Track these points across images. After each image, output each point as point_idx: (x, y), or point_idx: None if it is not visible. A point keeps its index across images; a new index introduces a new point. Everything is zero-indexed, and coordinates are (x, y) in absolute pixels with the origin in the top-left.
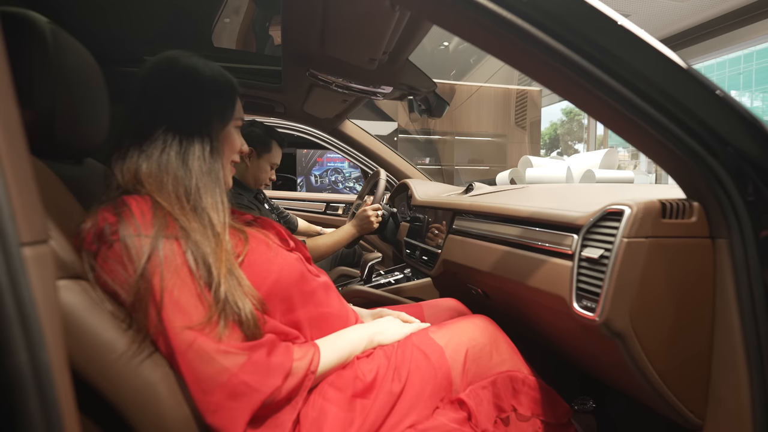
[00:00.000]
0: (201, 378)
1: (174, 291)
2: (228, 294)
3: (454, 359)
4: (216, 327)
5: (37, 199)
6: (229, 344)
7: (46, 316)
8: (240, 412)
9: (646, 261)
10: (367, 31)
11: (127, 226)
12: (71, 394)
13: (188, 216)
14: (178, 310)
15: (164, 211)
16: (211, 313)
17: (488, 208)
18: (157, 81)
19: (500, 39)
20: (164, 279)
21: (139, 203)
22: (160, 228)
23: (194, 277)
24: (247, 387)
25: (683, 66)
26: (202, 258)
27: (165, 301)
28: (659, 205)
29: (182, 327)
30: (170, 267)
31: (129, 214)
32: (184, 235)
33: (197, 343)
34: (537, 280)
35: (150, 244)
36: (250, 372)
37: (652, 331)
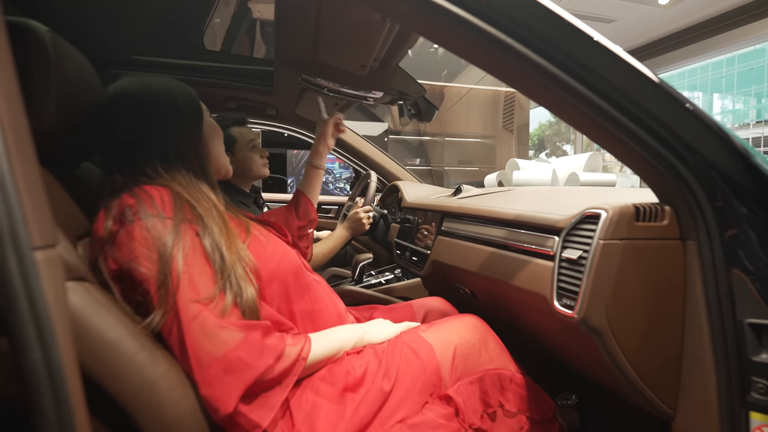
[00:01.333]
0: (200, 350)
1: (191, 270)
2: (235, 277)
3: (443, 356)
4: (221, 304)
5: (46, 205)
6: (229, 321)
7: (57, 316)
8: (234, 386)
9: (621, 261)
10: (359, 40)
11: (148, 208)
12: (81, 391)
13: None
14: (191, 286)
15: (182, 199)
16: (218, 290)
17: (475, 210)
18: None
19: (485, 53)
20: (184, 259)
21: (159, 191)
22: (178, 213)
23: (208, 259)
24: (242, 362)
25: (656, 80)
26: (216, 242)
27: (182, 279)
28: (633, 208)
29: (191, 300)
30: (189, 248)
31: (149, 199)
32: (200, 222)
33: (201, 316)
34: (521, 279)
35: (172, 226)
36: (246, 349)
37: (627, 328)
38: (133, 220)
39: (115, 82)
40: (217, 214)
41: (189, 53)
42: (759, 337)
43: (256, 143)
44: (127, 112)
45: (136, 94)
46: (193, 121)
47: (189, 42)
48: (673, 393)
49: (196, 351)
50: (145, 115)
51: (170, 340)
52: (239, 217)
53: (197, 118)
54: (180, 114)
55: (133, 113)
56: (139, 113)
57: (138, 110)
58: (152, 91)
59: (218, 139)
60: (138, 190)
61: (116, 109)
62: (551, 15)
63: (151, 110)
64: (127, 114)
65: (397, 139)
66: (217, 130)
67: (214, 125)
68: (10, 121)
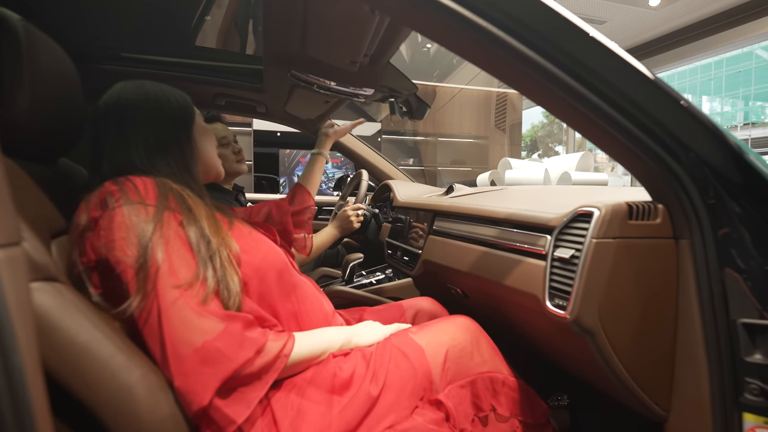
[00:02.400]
0: (178, 338)
1: (171, 256)
2: (219, 261)
3: (434, 359)
4: (202, 291)
5: (8, 201)
6: (210, 309)
7: (19, 319)
8: (210, 378)
9: (613, 261)
10: (348, 34)
11: (131, 195)
12: (45, 398)
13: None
14: (171, 271)
15: (167, 188)
16: (200, 276)
17: (467, 209)
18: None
19: (476, 46)
20: (165, 245)
21: (143, 180)
22: (162, 200)
23: (191, 248)
24: (220, 354)
25: (650, 77)
26: (202, 231)
27: (162, 264)
28: (626, 207)
29: (171, 285)
30: (171, 235)
31: (133, 186)
32: (185, 212)
33: (181, 302)
34: (513, 279)
35: (154, 213)
36: (225, 340)
37: (620, 328)
38: (115, 207)
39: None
40: (203, 205)
41: (177, 49)
42: (752, 337)
43: (228, 140)
44: (122, 113)
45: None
46: (183, 124)
47: (177, 37)
48: (666, 394)
49: (173, 339)
50: (138, 116)
51: (146, 329)
52: (224, 212)
53: (188, 121)
54: (171, 117)
55: (128, 114)
56: (133, 114)
57: (132, 111)
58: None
59: (209, 142)
60: (122, 179)
61: (111, 111)
62: (544, 8)
63: (145, 111)
64: (120, 116)
65: (390, 139)
66: (209, 133)
67: (207, 129)
68: None
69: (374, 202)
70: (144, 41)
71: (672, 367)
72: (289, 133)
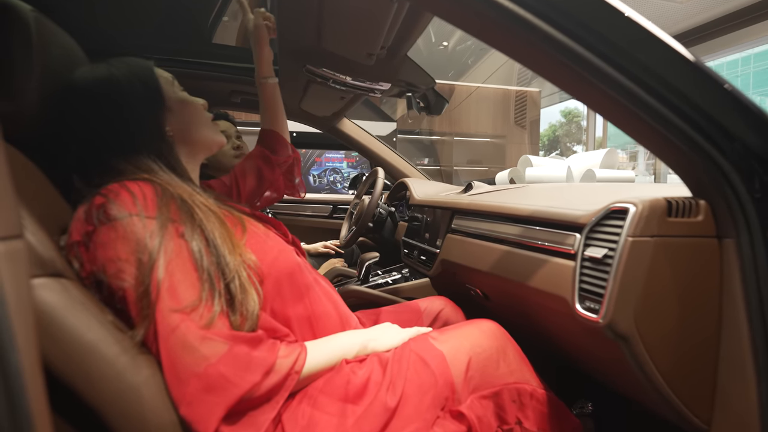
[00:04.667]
0: (179, 364)
1: (172, 276)
2: (238, 283)
3: (455, 366)
4: (207, 313)
5: (10, 191)
6: (214, 331)
7: (18, 316)
8: (215, 407)
9: (651, 261)
10: (365, 25)
11: (126, 206)
12: (44, 400)
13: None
14: (171, 293)
15: (168, 195)
16: (204, 297)
17: (488, 206)
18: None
19: (502, 31)
20: (166, 264)
21: (140, 187)
22: (163, 211)
23: (195, 262)
24: (224, 380)
25: (690, 59)
26: (214, 243)
27: (161, 286)
28: (665, 203)
29: (170, 310)
30: (172, 252)
31: (129, 195)
32: (189, 221)
33: (182, 327)
34: (538, 280)
35: (155, 226)
36: (229, 364)
37: (657, 334)
38: (109, 220)
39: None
40: (212, 212)
41: (195, 46)
42: None
43: (227, 135)
44: (76, 108)
45: (80, 89)
46: (148, 106)
47: (195, 34)
48: (708, 405)
49: (174, 365)
50: (92, 109)
51: (153, 352)
52: (232, 212)
53: (154, 101)
54: (128, 101)
55: (81, 109)
56: (87, 108)
57: (85, 105)
58: (92, 82)
59: (194, 110)
60: (116, 186)
61: (66, 106)
62: None
63: (98, 102)
64: (76, 110)
65: (406, 138)
66: (191, 106)
67: (186, 101)
68: None
69: (390, 201)
70: (161, 38)
71: (714, 376)
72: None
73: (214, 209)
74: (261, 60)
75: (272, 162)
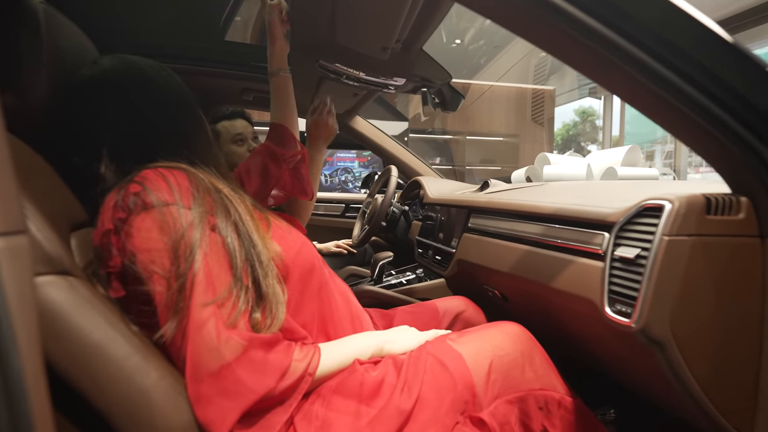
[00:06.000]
0: (198, 361)
1: (209, 268)
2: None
3: (476, 369)
4: (234, 310)
5: (12, 185)
6: (235, 331)
7: (20, 316)
8: (230, 411)
9: (688, 261)
10: (380, 17)
11: (161, 194)
12: (47, 404)
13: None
14: (207, 287)
15: (203, 185)
16: (234, 293)
17: (507, 204)
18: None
19: (528, 15)
20: (204, 256)
21: (175, 175)
22: (198, 201)
23: (229, 256)
24: (240, 384)
25: (730, 41)
26: (248, 235)
27: (197, 278)
28: (703, 199)
29: (202, 304)
30: (209, 243)
31: (163, 183)
32: (222, 212)
33: (208, 325)
34: (562, 281)
35: (192, 217)
36: (245, 367)
37: (695, 339)
38: (146, 208)
39: (96, 63)
40: (244, 205)
41: (208, 43)
42: None
43: (243, 137)
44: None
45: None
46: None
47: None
48: (749, 417)
49: (194, 361)
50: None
51: (171, 348)
52: (257, 207)
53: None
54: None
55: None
56: (139, 92)
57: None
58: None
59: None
60: (151, 173)
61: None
62: None
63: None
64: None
65: (418, 137)
66: None
67: None
68: None
69: (403, 200)
70: (175, 35)
71: (756, 385)
72: None
73: (247, 203)
74: (273, 52)
75: (278, 156)
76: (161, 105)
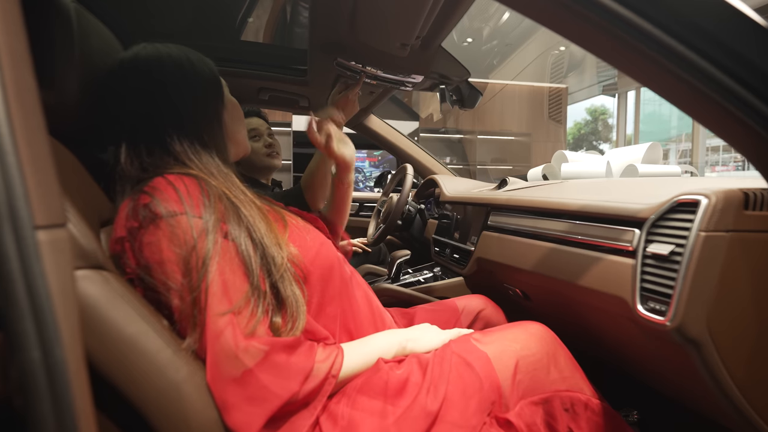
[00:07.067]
0: (219, 370)
1: (223, 278)
2: (286, 284)
3: (502, 369)
4: (252, 319)
5: (54, 180)
6: (255, 338)
7: (62, 308)
8: (256, 417)
9: (726, 258)
10: (401, 13)
11: (170, 204)
12: (88, 395)
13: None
14: (221, 297)
15: (213, 191)
16: (252, 301)
17: (530, 202)
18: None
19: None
20: (217, 266)
21: (184, 181)
22: (209, 209)
23: (243, 263)
24: (264, 389)
25: (764, 25)
26: (262, 242)
27: (211, 289)
28: (741, 194)
29: (218, 314)
30: (221, 252)
31: (174, 191)
32: (234, 218)
33: (226, 334)
34: (589, 279)
35: (203, 226)
36: (268, 371)
37: (733, 338)
38: (155, 219)
39: (126, 51)
40: (256, 208)
41: (224, 43)
42: None
43: (258, 132)
44: (139, 82)
45: (149, 62)
46: (213, 95)
47: (223, 31)
48: None
49: (215, 370)
50: (159, 85)
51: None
52: (273, 207)
53: (218, 92)
54: (199, 85)
55: (145, 83)
56: (152, 83)
57: (151, 80)
58: (167, 59)
59: (239, 115)
60: (161, 182)
61: (126, 79)
62: None
63: (166, 80)
64: (138, 84)
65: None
66: (238, 108)
67: (235, 103)
68: (14, 80)
69: (418, 198)
70: (192, 34)
71: None
72: None
73: (259, 204)
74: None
75: None
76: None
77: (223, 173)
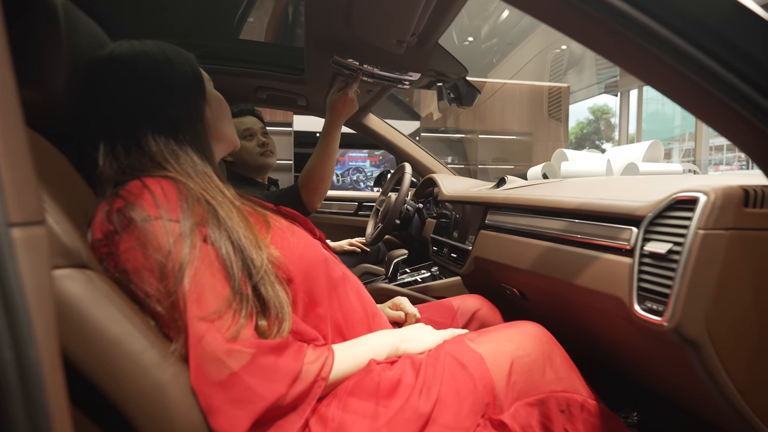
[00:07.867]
0: (203, 374)
1: (201, 282)
2: (267, 284)
3: (496, 370)
4: (235, 323)
5: (31, 176)
6: (239, 342)
7: (37, 307)
8: (241, 419)
9: (725, 257)
10: (396, 8)
11: (147, 209)
12: (64, 395)
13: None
14: (200, 301)
15: (191, 194)
16: (234, 305)
17: (527, 200)
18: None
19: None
20: (195, 270)
21: (161, 185)
22: (187, 213)
23: (224, 267)
24: (249, 391)
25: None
26: (240, 245)
27: (190, 293)
28: (741, 191)
29: (198, 318)
30: (199, 256)
31: (150, 195)
32: (213, 221)
33: (207, 338)
34: (586, 278)
35: (180, 230)
36: (254, 374)
37: (732, 339)
38: (129, 224)
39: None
40: (236, 209)
41: (222, 42)
42: None
43: (252, 131)
44: (113, 81)
45: (123, 60)
46: (193, 91)
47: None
48: None
49: (199, 374)
50: (133, 83)
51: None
52: (255, 209)
53: (198, 88)
54: (176, 81)
55: (119, 81)
56: (126, 81)
57: (125, 78)
58: (142, 56)
59: (225, 113)
60: (136, 186)
61: (101, 77)
62: None
63: (140, 78)
64: (112, 83)
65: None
66: (223, 103)
67: (220, 98)
68: None
69: (417, 197)
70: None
71: None
72: None
73: (238, 205)
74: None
75: None
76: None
77: (200, 174)
